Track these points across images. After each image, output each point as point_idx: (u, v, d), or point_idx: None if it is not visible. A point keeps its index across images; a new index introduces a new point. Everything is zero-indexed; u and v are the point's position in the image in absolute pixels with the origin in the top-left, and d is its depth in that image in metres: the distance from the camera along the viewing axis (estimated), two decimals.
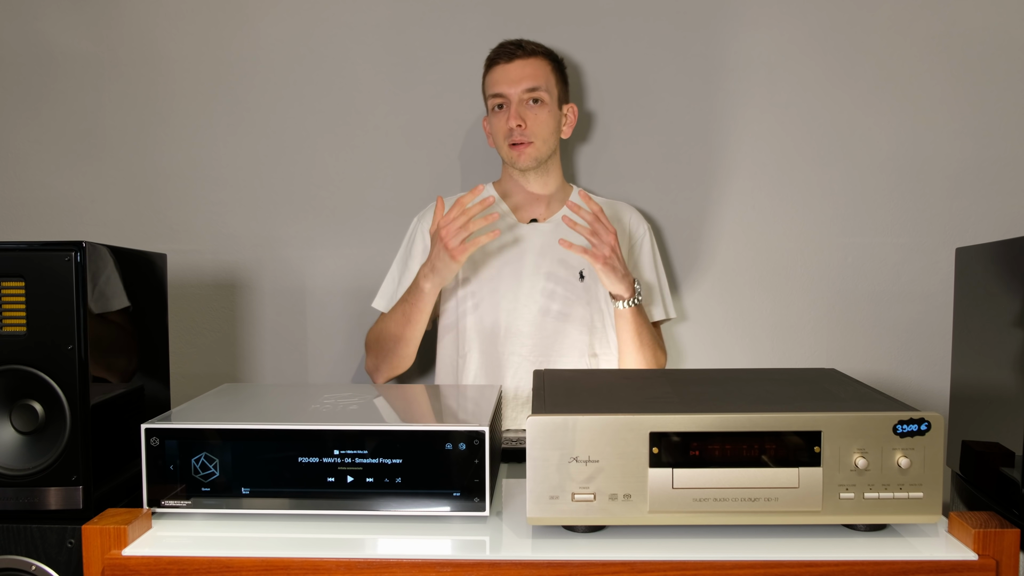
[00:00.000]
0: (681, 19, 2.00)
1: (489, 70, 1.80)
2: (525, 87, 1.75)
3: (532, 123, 1.76)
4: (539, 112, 1.77)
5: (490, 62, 1.80)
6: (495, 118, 1.79)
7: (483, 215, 1.58)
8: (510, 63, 1.76)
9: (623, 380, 1.23)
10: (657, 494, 0.94)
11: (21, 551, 0.98)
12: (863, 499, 0.94)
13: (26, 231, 2.05)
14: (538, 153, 1.78)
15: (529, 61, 1.76)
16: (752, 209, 2.02)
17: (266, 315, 2.07)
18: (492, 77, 1.78)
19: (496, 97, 1.78)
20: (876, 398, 1.04)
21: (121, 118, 2.05)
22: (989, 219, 1.99)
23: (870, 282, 2.02)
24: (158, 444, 1.01)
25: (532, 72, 1.76)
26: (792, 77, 2.00)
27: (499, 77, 1.77)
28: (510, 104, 1.76)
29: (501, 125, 1.78)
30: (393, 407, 1.20)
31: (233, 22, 2.03)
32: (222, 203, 2.06)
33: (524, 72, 1.75)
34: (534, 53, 1.77)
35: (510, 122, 1.75)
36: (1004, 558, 0.91)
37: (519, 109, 1.75)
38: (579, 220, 1.63)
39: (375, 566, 0.92)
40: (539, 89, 1.76)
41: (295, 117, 2.04)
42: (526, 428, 0.94)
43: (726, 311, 2.04)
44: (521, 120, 1.74)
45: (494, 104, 1.79)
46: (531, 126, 1.75)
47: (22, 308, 0.98)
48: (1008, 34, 1.96)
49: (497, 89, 1.77)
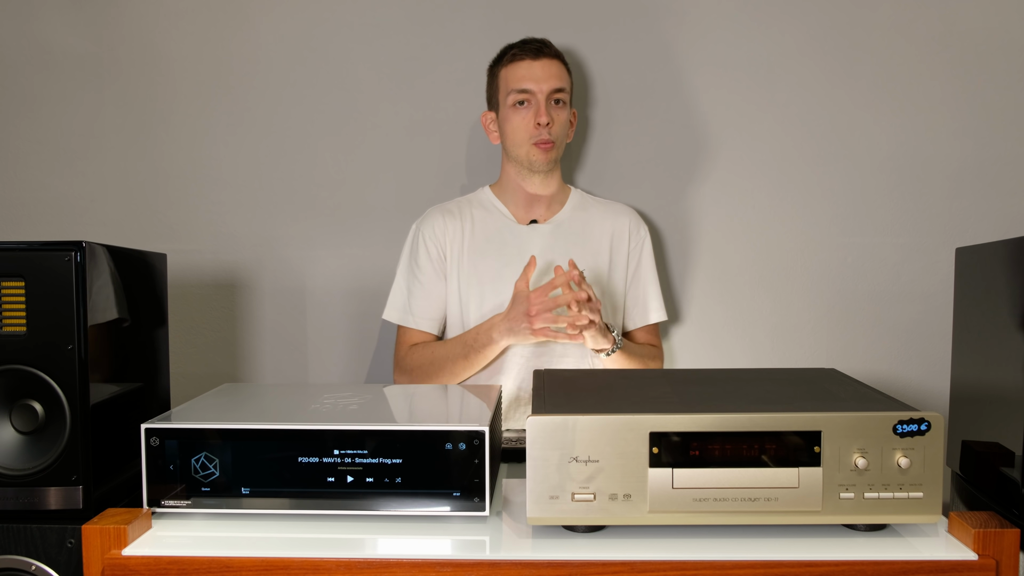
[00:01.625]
0: (681, 20, 2.00)
1: (510, 64, 1.76)
2: (553, 86, 1.74)
3: (555, 124, 1.75)
4: (561, 113, 1.76)
5: (512, 57, 1.76)
6: (515, 114, 1.75)
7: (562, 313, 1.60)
8: (537, 60, 1.73)
9: (623, 380, 1.22)
10: (657, 494, 0.94)
11: (21, 551, 0.98)
12: (863, 499, 0.94)
13: (26, 231, 2.05)
14: (557, 155, 1.78)
15: (554, 61, 1.75)
16: (752, 209, 2.02)
17: (266, 315, 2.07)
18: (516, 72, 1.74)
19: (521, 93, 1.74)
20: (876, 398, 1.04)
21: (121, 118, 2.05)
22: (989, 219, 1.99)
23: (870, 282, 2.02)
24: (158, 444, 1.01)
25: (558, 72, 1.75)
26: (792, 77, 2.00)
27: (525, 73, 1.73)
28: (537, 102, 1.73)
29: (523, 123, 1.75)
30: (393, 407, 1.20)
31: (233, 22, 2.03)
32: (222, 203, 2.06)
33: (551, 71, 1.74)
34: (556, 54, 1.77)
35: (539, 118, 1.72)
36: (1004, 558, 0.91)
37: (548, 107, 1.74)
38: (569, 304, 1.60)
39: (375, 566, 0.92)
40: (563, 91, 1.76)
41: (295, 117, 2.04)
42: (526, 428, 0.94)
43: (726, 311, 2.04)
44: (551, 118, 1.73)
45: (515, 100, 1.75)
46: (554, 126, 1.75)
47: (22, 308, 0.98)
48: (1008, 34, 1.96)
49: (524, 85, 1.73)
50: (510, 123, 1.77)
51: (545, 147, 1.75)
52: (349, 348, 2.07)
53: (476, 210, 1.85)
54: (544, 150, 1.75)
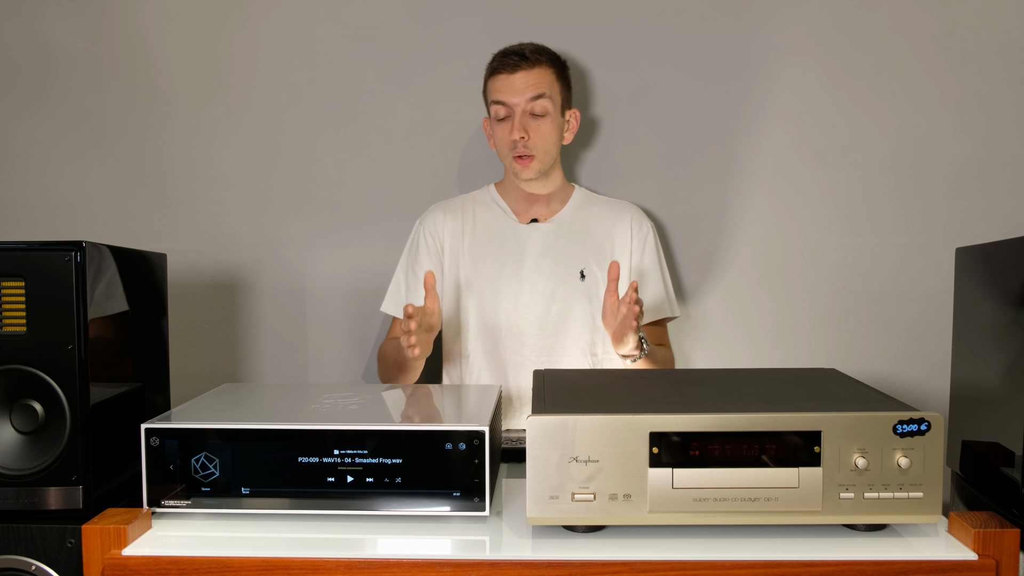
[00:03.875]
0: (682, 20, 2.00)
1: (491, 78, 1.77)
2: (529, 96, 1.73)
3: (535, 136, 1.74)
4: (541, 124, 1.74)
5: (492, 71, 1.76)
6: (498, 127, 1.77)
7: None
8: (514, 74, 1.72)
9: (623, 380, 1.22)
10: (657, 494, 0.94)
11: (21, 551, 0.98)
12: (863, 499, 0.94)
13: (26, 231, 2.05)
14: (541, 166, 1.77)
15: (533, 71, 1.73)
16: (752, 209, 2.02)
17: (266, 315, 2.07)
18: (495, 86, 1.75)
19: (499, 106, 1.75)
20: (876, 398, 1.04)
21: (121, 118, 2.05)
22: (989, 219, 1.99)
23: (870, 282, 2.02)
24: (158, 444, 1.01)
25: (536, 81, 1.73)
26: (792, 77, 2.00)
27: (502, 86, 1.73)
28: (513, 115, 1.73)
29: (504, 136, 1.76)
30: (393, 407, 1.20)
31: (233, 22, 2.03)
32: (222, 203, 2.06)
33: (528, 82, 1.73)
34: (538, 62, 1.73)
35: (513, 134, 1.73)
36: (1004, 558, 0.91)
37: (523, 120, 1.73)
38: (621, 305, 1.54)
39: (375, 566, 0.92)
40: (544, 96, 1.73)
41: (295, 117, 2.04)
42: (526, 428, 0.94)
43: (726, 311, 2.04)
44: (524, 132, 1.73)
45: (496, 114, 1.76)
46: (534, 138, 1.74)
47: (22, 308, 0.98)
48: (1008, 34, 1.96)
49: (500, 98, 1.74)
50: (495, 135, 1.79)
51: (524, 162, 1.75)
52: (349, 348, 2.07)
53: (478, 208, 1.85)
54: (523, 163, 1.75)
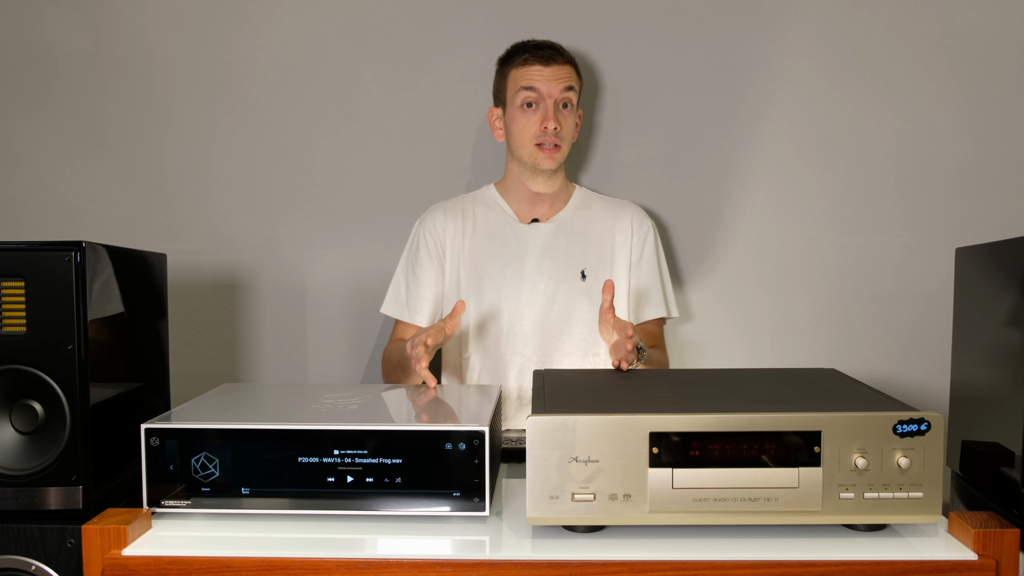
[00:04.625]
0: (682, 21, 2.00)
1: (520, 67, 1.75)
2: (563, 86, 1.74)
3: (564, 126, 1.76)
4: (569, 116, 1.77)
5: (524, 60, 1.75)
6: (522, 116, 1.76)
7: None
8: (548, 66, 1.74)
9: (623, 380, 1.22)
10: (657, 494, 0.94)
11: (21, 551, 0.98)
12: (863, 499, 0.94)
13: (26, 231, 2.05)
14: (563, 157, 1.78)
15: (565, 66, 1.76)
16: (752, 209, 2.02)
17: (266, 315, 2.07)
18: (526, 74, 1.74)
19: (530, 92, 1.74)
20: (876, 398, 1.04)
21: (121, 118, 2.05)
22: (989, 219, 1.99)
23: (870, 282, 2.02)
24: (158, 444, 1.01)
25: (568, 74, 1.76)
26: (792, 77, 2.00)
27: (537, 76, 1.73)
28: (545, 104, 1.74)
29: (530, 125, 1.75)
30: (393, 407, 1.20)
31: (233, 22, 2.03)
32: (222, 203, 2.06)
33: (561, 74, 1.74)
34: (566, 58, 1.77)
35: (547, 123, 1.73)
36: (1004, 558, 0.91)
37: (556, 111, 1.74)
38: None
39: (375, 566, 0.92)
40: (573, 89, 1.76)
41: (295, 117, 2.04)
42: (526, 428, 0.94)
43: (726, 311, 2.04)
44: (558, 123, 1.74)
45: (524, 101, 1.75)
46: (563, 129, 1.75)
47: (22, 308, 0.98)
48: (1008, 34, 1.96)
49: (535, 85, 1.73)
50: (516, 124, 1.77)
51: (551, 151, 1.75)
52: (349, 348, 2.07)
53: (479, 208, 1.85)
54: (550, 154, 1.75)
